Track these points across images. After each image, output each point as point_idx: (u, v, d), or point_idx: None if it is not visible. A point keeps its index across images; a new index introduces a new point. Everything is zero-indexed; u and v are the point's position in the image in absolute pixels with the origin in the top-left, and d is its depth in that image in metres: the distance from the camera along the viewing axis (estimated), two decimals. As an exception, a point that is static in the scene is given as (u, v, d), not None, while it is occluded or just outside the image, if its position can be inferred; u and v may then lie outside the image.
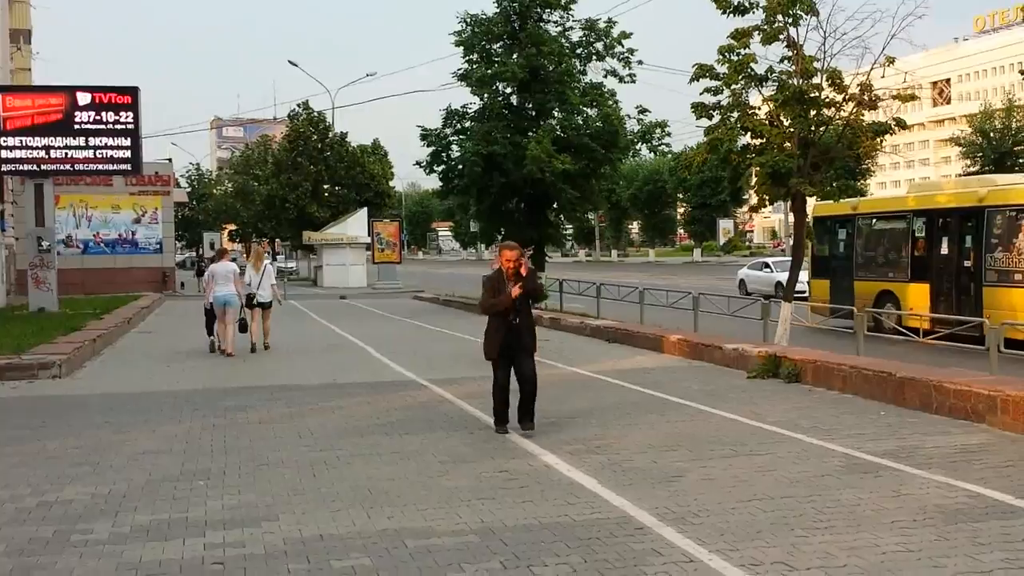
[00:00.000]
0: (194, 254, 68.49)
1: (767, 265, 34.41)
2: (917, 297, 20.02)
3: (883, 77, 16.24)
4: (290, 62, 59.26)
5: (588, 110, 29.47)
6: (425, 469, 8.29)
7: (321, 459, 8.76)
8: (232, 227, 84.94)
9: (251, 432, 10.18)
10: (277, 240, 60.62)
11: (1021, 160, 55.74)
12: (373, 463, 8.55)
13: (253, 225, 72.20)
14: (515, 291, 9.53)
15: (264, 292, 18.59)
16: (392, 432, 10.02)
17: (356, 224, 50.87)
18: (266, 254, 21.33)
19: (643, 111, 29.21)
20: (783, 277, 25.79)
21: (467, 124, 30.25)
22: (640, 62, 29.00)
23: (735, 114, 16.86)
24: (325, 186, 58.55)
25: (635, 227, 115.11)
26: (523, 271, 9.63)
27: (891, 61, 16.04)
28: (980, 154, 58.58)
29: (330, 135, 58.85)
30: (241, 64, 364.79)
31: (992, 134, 59.12)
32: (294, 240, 58.48)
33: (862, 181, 64.11)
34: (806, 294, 23.47)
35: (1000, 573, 5.40)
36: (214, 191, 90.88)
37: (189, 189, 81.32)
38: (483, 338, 10.01)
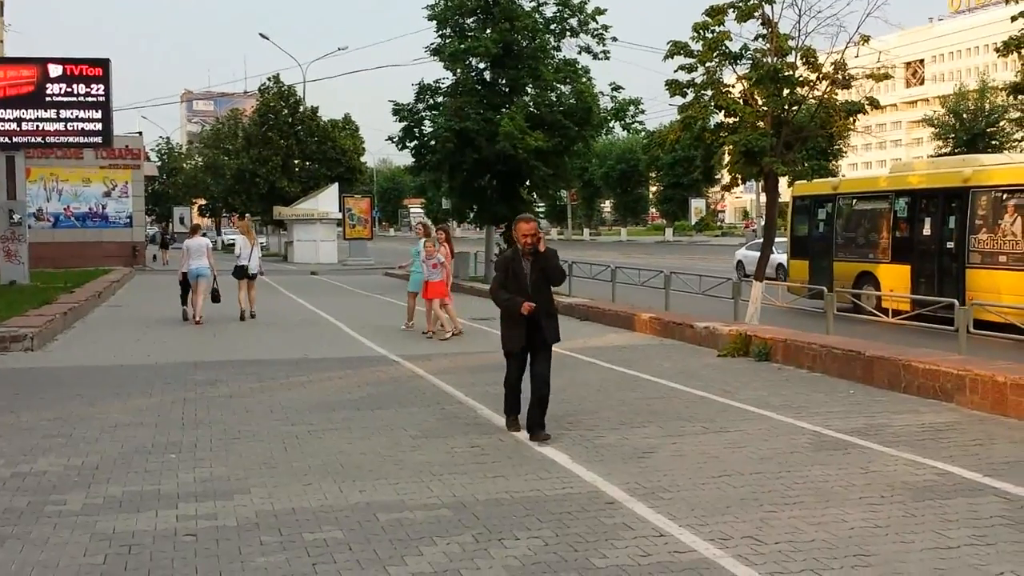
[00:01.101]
0: (158, 229, 67.96)
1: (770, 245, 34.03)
2: (897, 279, 19.95)
3: (857, 56, 16.27)
4: (261, 35, 58.63)
5: (561, 87, 29.36)
6: (397, 444, 8.29)
7: (292, 433, 8.74)
8: (202, 202, 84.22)
9: (222, 406, 10.15)
10: (247, 215, 60.16)
11: (994, 142, 56.15)
12: (345, 437, 8.54)
13: (223, 200, 71.59)
14: (526, 307, 8.41)
15: (254, 264, 19.83)
16: (364, 407, 10.00)
17: (327, 200, 50.56)
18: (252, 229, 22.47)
19: (617, 88, 29.15)
20: (784, 259, 25.74)
21: (440, 99, 30.06)
22: (614, 39, 29.01)
23: (709, 92, 16.86)
24: (296, 161, 58.08)
25: (607, 205, 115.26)
26: (541, 247, 8.51)
27: (866, 40, 16.07)
28: (952, 135, 58.94)
29: (301, 109, 58.32)
30: (212, 37, 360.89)
31: (965, 115, 59.50)
32: (264, 215, 58.04)
33: (834, 161, 64.43)
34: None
35: (967, 549, 5.46)
36: (184, 165, 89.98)
37: (159, 163, 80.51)
38: (500, 328, 8.92)
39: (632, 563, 5.31)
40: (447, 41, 29.37)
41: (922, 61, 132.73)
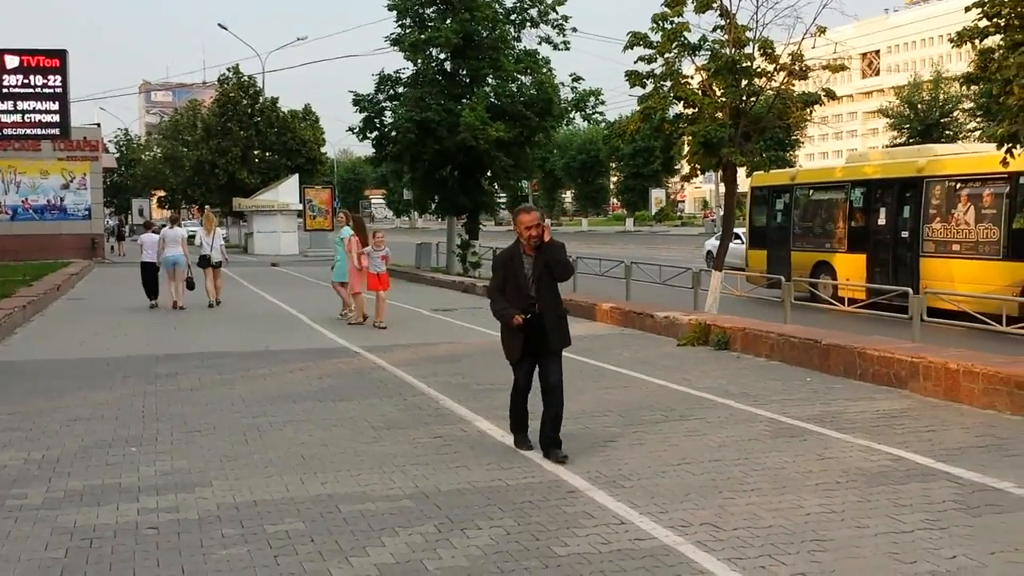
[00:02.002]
0: (115, 221, 67.25)
1: (738, 236, 34.43)
2: (853, 268, 20.22)
3: (814, 47, 16.44)
4: (220, 25, 58.07)
5: (522, 77, 29.39)
6: (359, 435, 8.29)
7: (254, 425, 8.72)
8: (161, 193, 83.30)
9: (183, 399, 10.10)
10: (207, 207, 59.62)
11: (948, 132, 56.92)
12: (306, 429, 8.53)
13: (182, 191, 70.91)
14: (517, 321, 7.45)
15: (216, 253, 20.85)
16: (325, 399, 9.99)
17: (287, 191, 50.23)
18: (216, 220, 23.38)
19: (577, 79, 29.25)
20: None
21: (400, 90, 30.00)
22: (574, 29, 29.07)
23: (668, 83, 16.96)
24: (255, 152, 57.65)
25: (568, 196, 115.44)
26: (546, 237, 7.48)
27: (822, 31, 16.25)
28: (907, 126, 59.67)
29: (261, 100, 57.85)
30: (170, 27, 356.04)
31: (920, 106, 60.24)
32: (224, 207, 57.54)
33: (791, 152, 65.06)
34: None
35: (920, 533, 5.58)
36: (143, 157, 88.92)
37: (118, 155, 79.45)
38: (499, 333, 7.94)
39: (593, 551, 5.37)
40: (407, 31, 29.32)
41: (878, 52, 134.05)
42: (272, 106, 57.94)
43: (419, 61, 29.31)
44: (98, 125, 49.73)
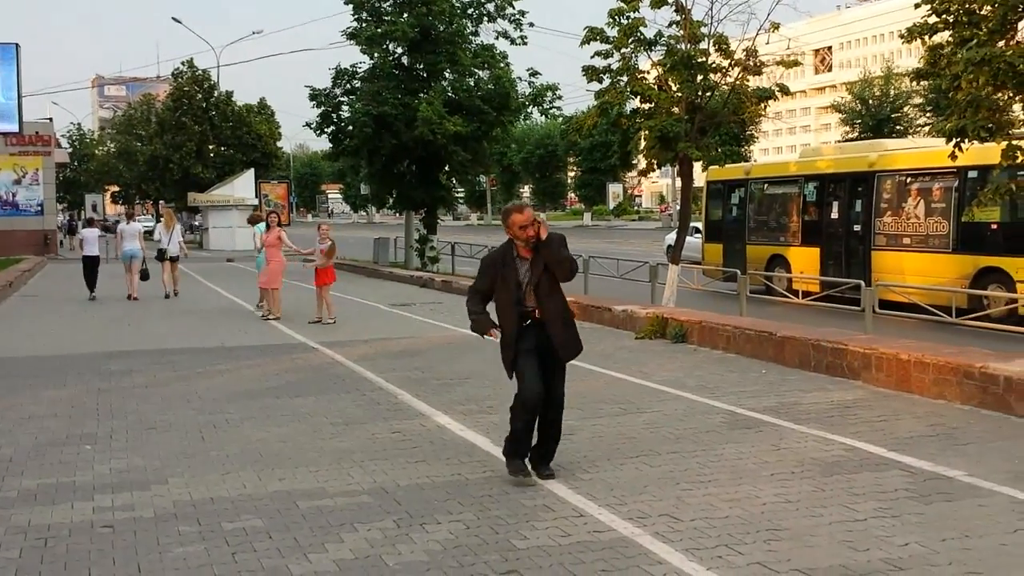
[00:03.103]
0: (67, 217, 66.27)
1: (698, 230, 34.64)
2: (807, 261, 20.46)
3: (768, 43, 16.60)
4: (174, 19, 57.56)
5: (479, 72, 29.39)
6: (317, 431, 8.26)
7: (210, 422, 8.65)
8: (115, 188, 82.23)
9: (138, 396, 9.99)
10: (161, 202, 58.97)
11: (898, 127, 57.70)
12: (263, 426, 8.48)
13: (136, 186, 70.09)
14: (491, 333, 6.78)
15: (173, 247, 21.85)
16: (282, 395, 9.93)
17: (243, 185, 49.80)
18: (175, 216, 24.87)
19: (534, 74, 29.26)
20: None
21: (357, 84, 29.87)
22: (531, 24, 29.07)
23: (625, 78, 17.04)
24: (210, 146, 57.05)
25: (526, 190, 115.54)
26: (542, 235, 6.58)
27: (776, 27, 16.40)
28: (859, 121, 60.40)
29: (215, 94, 57.31)
30: (124, 21, 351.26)
31: (871, 101, 61.01)
32: (179, 202, 56.93)
33: (747, 147, 65.56)
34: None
35: (873, 521, 5.66)
36: (96, 151, 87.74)
37: (70, 149, 78.28)
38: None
39: (553, 543, 5.39)
40: (364, 25, 29.17)
41: (830, 48, 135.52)
42: (227, 100, 57.41)
43: (376, 55, 29.21)
44: (50, 120, 49.05)
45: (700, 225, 25.98)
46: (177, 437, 8.10)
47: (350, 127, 29.34)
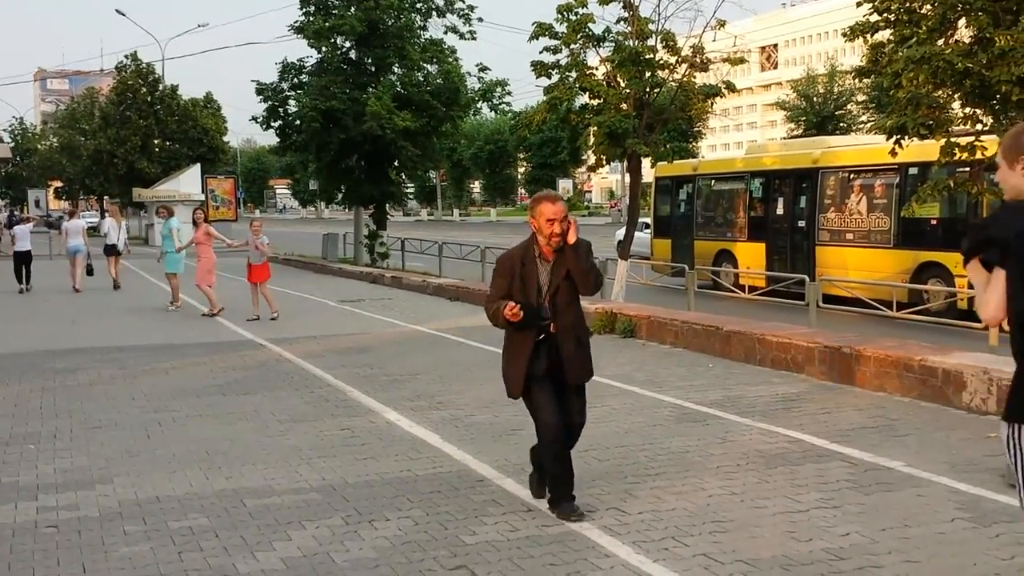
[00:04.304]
0: (6, 213, 65.03)
1: (647, 225, 34.78)
2: (753, 257, 20.72)
3: (714, 40, 16.76)
4: (118, 11, 56.26)
5: (428, 67, 29.35)
6: (264, 428, 8.21)
7: (156, 420, 8.56)
8: (58, 184, 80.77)
9: (82, 394, 9.86)
10: (106, 198, 58.00)
11: (842, 124, 58.49)
12: (210, 424, 8.42)
13: (80, 181, 68.87)
14: (509, 311, 5.62)
15: (121, 243, 23.23)
16: (230, 392, 9.86)
17: (189, 181, 49.11)
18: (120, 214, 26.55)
19: (484, 69, 29.28)
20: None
21: (304, 78, 29.68)
22: (480, 19, 29.07)
23: (573, 74, 17.11)
24: (156, 141, 56.23)
25: (477, 186, 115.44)
26: (570, 239, 5.64)
27: (722, 24, 16.56)
28: (803, 118, 61.11)
29: (160, 88, 56.52)
30: (66, 13, 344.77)
31: (815, 99, 61.76)
32: (124, 197, 56.03)
33: (694, 143, 66.09)
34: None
35: (816, 512, 5.77)
36: (38, 146, 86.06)
37: (12, 144, 76.66)
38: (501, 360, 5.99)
39: (501, 538, 5.42)
40: (311, 19, 28.96)
41: (776, 46, 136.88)
42: (172, 94, 56.64)
43: (323, 49, 29.05)
44: (-11, 114, 47.98)
45: (649, 221, 26.16)
46: (123, 436, 8.01)
47: (298, 122, 29.17)
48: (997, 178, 3.95)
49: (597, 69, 17.55)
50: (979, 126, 12.78)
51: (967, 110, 12.88)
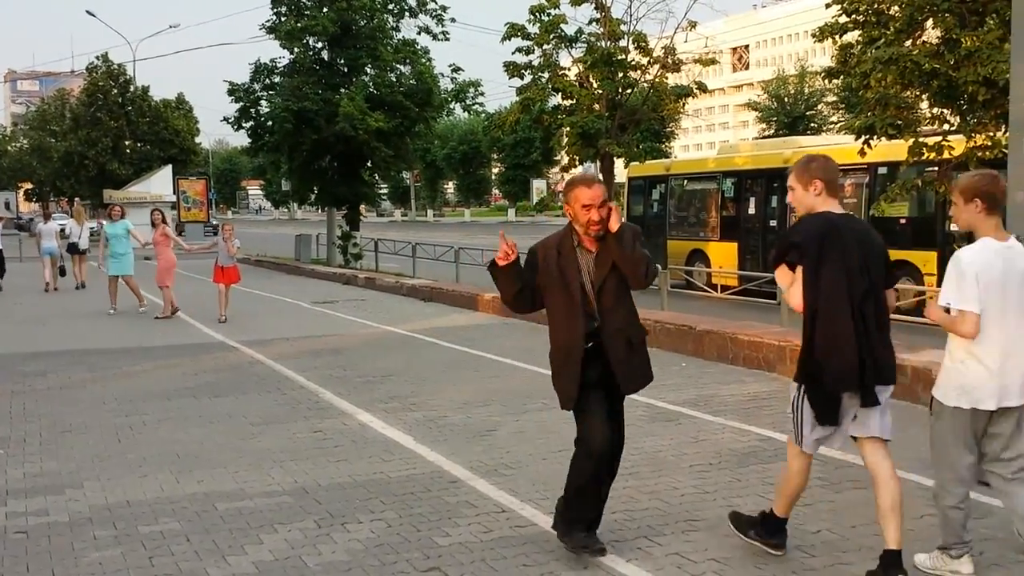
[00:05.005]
0: None
1: None
2: (726, 256, 20.81)
3: (686, 42, 16.87)
4: (88, 12, 55.82)
5: (401, 67, 29.32)
6: (236, 431, 8.16)
7: (127, 424, 8.50)
8: (28, 186, 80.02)
9: (52, 398, 9.77)
10: (76, 200, 57.51)
11: (812, 124, 58.93)
12: (181, 427, 8.36)
13: (51, 183, 68.32)
14: (505, 242, 5.09)
15: (83, 241, 23.78)
16: (201, 395, 9.79)
17: (160, 182, 48.81)
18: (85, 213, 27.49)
19: (457, 70, 29.28)
20: None
21: (277, 79, 29.58)
22: (453, 19, 29.05)
23: (546, 74, 17.17)
24: (127, 142, 55.93)
25: (450, 187, 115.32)
26: (612, 225, 4.91)
27: (693, 26, 16.69)
28: (774, 118, 61.53)
29: (132, 89, 56.16)
30: (36, 14, 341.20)
31: (786, 99, 62.19)
32: (95, 199, 55.61)
33: (667, 143, 66.36)
34: None
35: (786, 509, 5.80)
36: (8, 148, 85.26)
37: (-18, 146, 76.00)
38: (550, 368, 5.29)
39: (475, 540, 5.42)
40: (284, 19, 28.89)
41: (747, 47, 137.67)
42: (143, 95, 56.33)
43: (296, 50, 28.99)
44: (-42, 115, 47.49)
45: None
46: (93, 440, 7.94)
47: (270, 122, 29.08)
48: (791, 200, 4.99)
49: (569, 70, 17.62)
50: (946, 126, 12.91)
51: (935, 110, 13.01)
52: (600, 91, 16.88)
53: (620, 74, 16.84)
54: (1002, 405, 4.54)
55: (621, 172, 24.10)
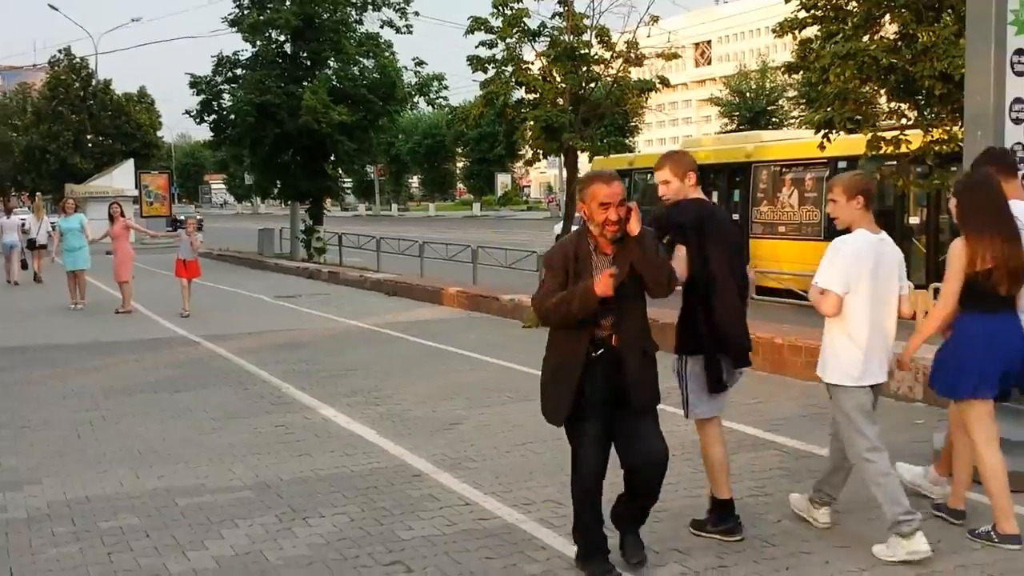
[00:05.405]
0: None
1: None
2: None
3: (648, 36, 16.88)
4: (50, 6, 55.02)
5: (364, 61, 29.21)
6: (197, 426, 8.11)
7: (87, 419, 8.41)
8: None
9: (11, 394, 9.67)
10: (38, 193, 56.78)
11: (774, 119, 59.36)
12: (142, 422, 8.28)
13: (11, 178, 67.44)
14: (605, 280, 4.46)
15: (41, 236, 23.48)
16: (162, 390, 9.71)
17: (122, 176, 48.31)
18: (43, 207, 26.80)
19: (420, 63, 29.17)
20: None
21: (240, 72, 29.38)
22: (416, 13, 28.99)
23: (509, 68, 17.10)
24: (88, 136, 55.37)
25: (415, 181, 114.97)
26: (632, 227, 4.62)
27: (655, 20, 16.68)
28: (737, 113, 61.90)
29: (94, 83, 55.62)
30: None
31: (748, 94, 62.59)
32: (56, 193, 54.92)
33: (631, 138, 66.57)
34: None
35: (749, 500, 5.86)
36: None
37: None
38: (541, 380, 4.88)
39: (438, 533, 5.42)
40: (246, 12, 28.69)
41: (709, 42, 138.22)
42: (106, 89, 55.84)
43: (258, 43, 28.81)
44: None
45: (585, 215, 26.28)
46: (52, 435, 7.86)
47: (232, 116, 28.86)
48: (664, 192, 5.39)
49: (533, 64, 17.57)
50: (904, 120, 13.03)
51: (892, 104, 13.13)
52: (564, 85, 16.84)
53: (583, 68, 16.80)
54: (871, 383, 5.11)
55: (585, 167, 24.14)
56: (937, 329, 5.29)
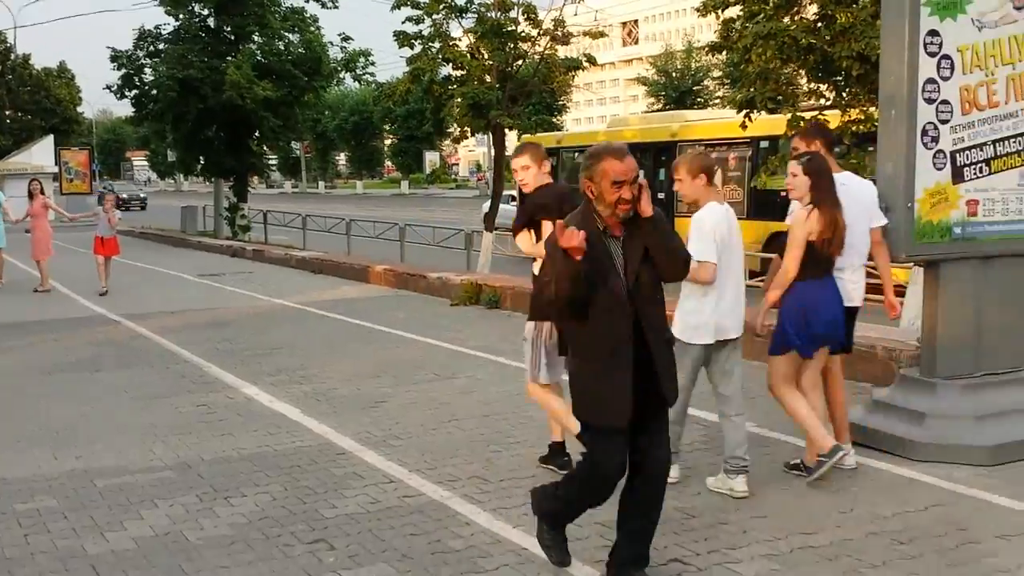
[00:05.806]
0: None
1: (513, 198, 34.77)
2: None
3: (576, 15, 16.94)
4: (-34, -23, 53.44)
5: (289, 35, 28.84)
6: (118, 407, 7.97)
7: (3, 400, 8.24)
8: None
9: (-81, 376, 9.37)
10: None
11: (699, 99, 59.92)
12: (61, 402, 8.12)
13: (-73, 155, 65.41)
14: (570, 233, 3.91)
15: None
16: (82, 369, 9.53)
17: (41, 153, 47.10)
18: None
19: (346, 39, 28.85)
20: None
21: (161, 47, 28.77)
22: (342, -12, 28.60)
23: (436, 44, 17.04)
24: (7, 112, 53.99)
25: (342, 158, 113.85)
26: (646, 208, 4.15)
27: (582, -1, 16.76)
28: (663, 93, 62.33)
29: (12, 57, 54.13)
30: None
31: (674, 74, 63.05)
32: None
33: (559, 116, 66.73)
34: None
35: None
36: None
37: None
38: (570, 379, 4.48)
39: (362, 511, 5.42)
40: (169, -16, 28.06)
41: (636, 21, 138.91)
42: (24, 64, 54.48)
43: (181, 17, 28.26)
44: None
45: (515, 193, 26.32)
46: (-36, 418, 7.66)
47: (154, 91, 28.29)
48: (524, 179, 6.21)
49: (460, 40, 17.52)
50: (823, 100, 13.24)
51: (812, 85, 13.33)
52: (491, 62, 16.83)
53: (510, 45, 16.81)
54: (720, 339, 5.62)
55: (513, 144, 24.17)
56: (778, 296, 5.97)
